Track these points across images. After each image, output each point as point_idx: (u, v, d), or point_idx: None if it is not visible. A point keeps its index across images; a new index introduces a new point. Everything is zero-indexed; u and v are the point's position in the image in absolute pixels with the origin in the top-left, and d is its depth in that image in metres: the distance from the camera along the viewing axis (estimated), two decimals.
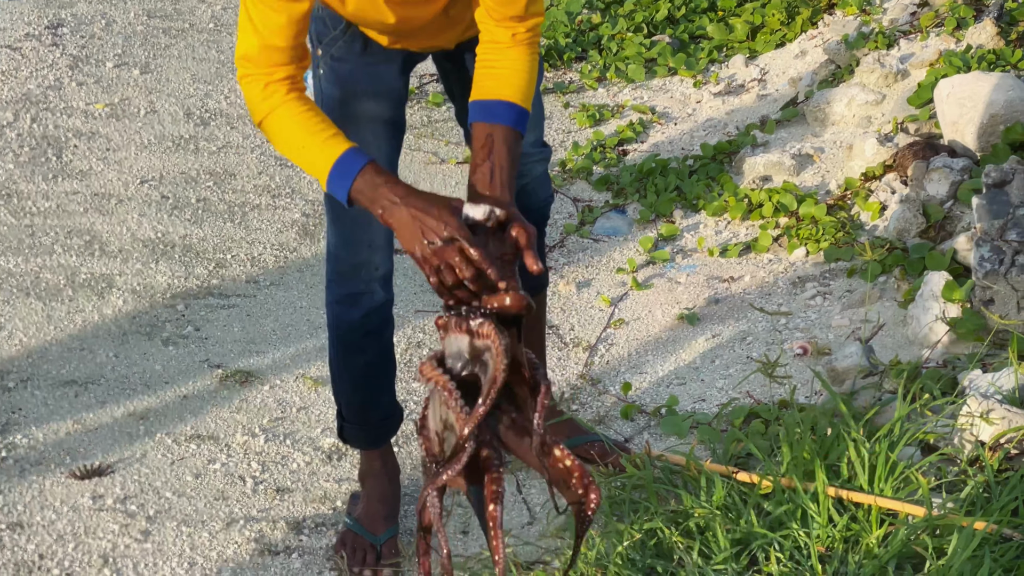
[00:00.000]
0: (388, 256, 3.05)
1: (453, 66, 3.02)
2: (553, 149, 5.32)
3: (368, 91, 2.89)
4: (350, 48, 2.87)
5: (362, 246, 3.00)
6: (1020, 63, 4.69)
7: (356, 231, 2.99)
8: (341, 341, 3.15)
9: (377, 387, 3.23)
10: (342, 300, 3.09)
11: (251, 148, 5.36)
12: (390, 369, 3.23)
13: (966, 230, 3.92)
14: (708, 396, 3.74)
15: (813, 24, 5.91)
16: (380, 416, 3.27)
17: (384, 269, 3.06)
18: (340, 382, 3.23)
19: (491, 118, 2.55)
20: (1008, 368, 3.28)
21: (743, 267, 4.38)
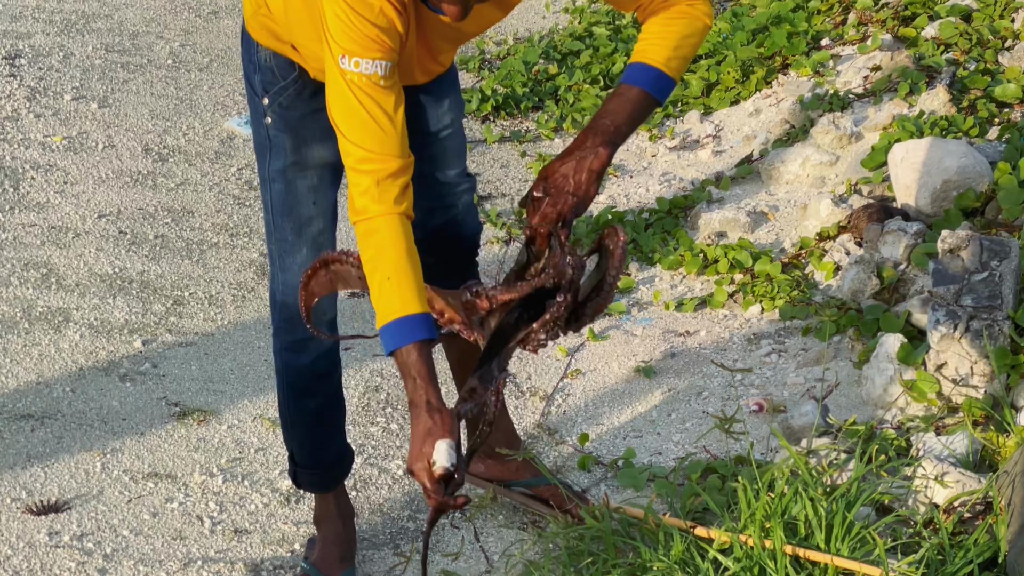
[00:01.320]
0: (333, 300, 3.09)
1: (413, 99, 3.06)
2: (509, 198, 5.37)
3: (317, 136, 2.93)
4: (299, 95, 2.91)
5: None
6: (972, 130, 4.79)
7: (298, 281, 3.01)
8: (292, 387, 3.17)
9: (329, 430, 3.25)
10: (290, 347, 3.11)
11: (209, 186, 5.36)
12: (341, 411, 3.26)
13: (920, 293, 4.00)
14: (665, 449, 3.79)
15: (767, 83, 6.00)
16: (333, 459, 3.28)
17: (330, 314, 3.09)
18: (292, 427, 3.24)
19: (630, 80, 2.68)
20: (962, 432, 3.35)
21: (699, 322, 4.44)
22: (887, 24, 5.91)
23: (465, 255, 3.33)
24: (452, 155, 3.19)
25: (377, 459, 3.76)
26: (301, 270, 2.96)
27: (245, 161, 5.62)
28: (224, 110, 6.13)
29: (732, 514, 3.23)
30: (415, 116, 3.05)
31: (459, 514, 3.53)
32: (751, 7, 6.78)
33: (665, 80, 2.67)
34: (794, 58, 6.01)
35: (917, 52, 5.48)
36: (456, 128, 3.17)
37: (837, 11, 6.36)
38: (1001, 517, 3.00)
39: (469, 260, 3.34)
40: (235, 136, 5.87)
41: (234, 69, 6.66)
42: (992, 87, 5.05)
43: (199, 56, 6.80)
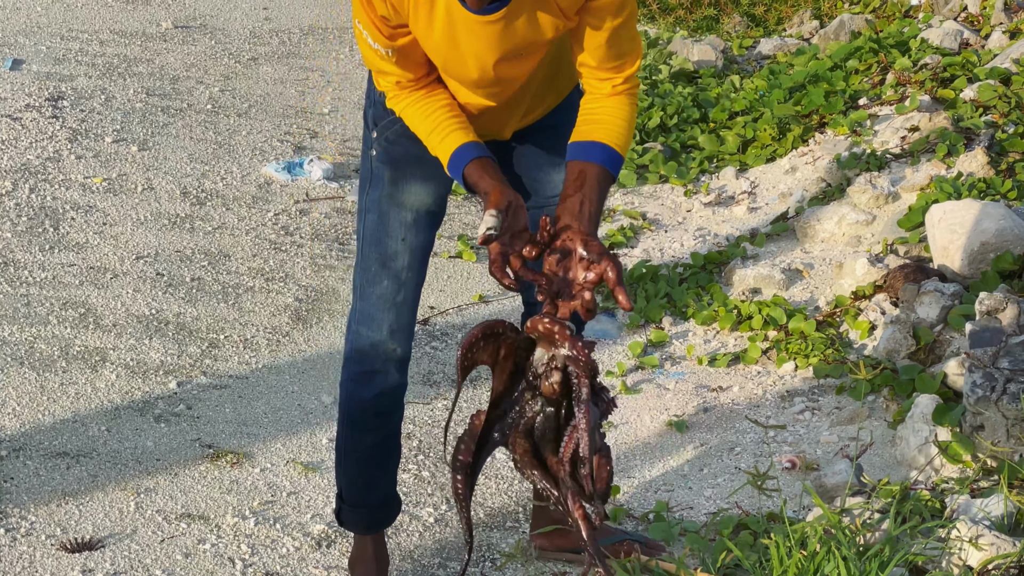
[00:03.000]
0: (407, 340, 3.10)
1: (505, 159, 3.08)
2: None
3: (417, 175, 3.00)
4: (405, 132, 2.96)
5: (383, 326, 3.04)
6: (1010, 193, 4.79)
7: (379, 311, 3.04)
8: (351, 419, 3.18)
9: (380, 470, 3.25)
10: (356, 378, 3.12)
11: (246, 230, 5.40)
12: (395, 454, 3.26)
13: (956, 354, 3.99)
14: (696, 504, 3.78)
15: (804, 141, 6.02)
16: (379, 501, 3.29)
17: (402, 352, 3.10)
18: (345, 462, 3.25)
19: (585, 156, 2.72)
20: (998, 495, 3.33)
21: (732, 377, 4.44)
22: (925, 85, 5.93)
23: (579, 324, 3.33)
24: None
25: (408, 506, 3.76)
26: (379, 301, 3.04)
27: (282, 207, 5.66)
28: (262, 155, 6.18)
29: (764, 571, 3.22)
30: (534, 180, 3.11)
31: (490, 563, 3.53)
32: (788, 65, 6.81)
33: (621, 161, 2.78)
34: (831, 117, 6.03)
35: (955, 114, 5.49)
36: None
37: (875, 71, 6.39)
38: None
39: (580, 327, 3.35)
40: (272, 181, 5.91)
41: (272, 115, 6.72)
42: None
43: (238, 102, 6.86)
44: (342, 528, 3.43)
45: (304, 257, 5.26)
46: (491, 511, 3.76)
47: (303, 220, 5.58)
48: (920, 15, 7.11)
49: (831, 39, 7.06)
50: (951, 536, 3.24)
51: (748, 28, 8.02)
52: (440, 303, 5.01)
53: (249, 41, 8.00)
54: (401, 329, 3.06)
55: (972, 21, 6.72)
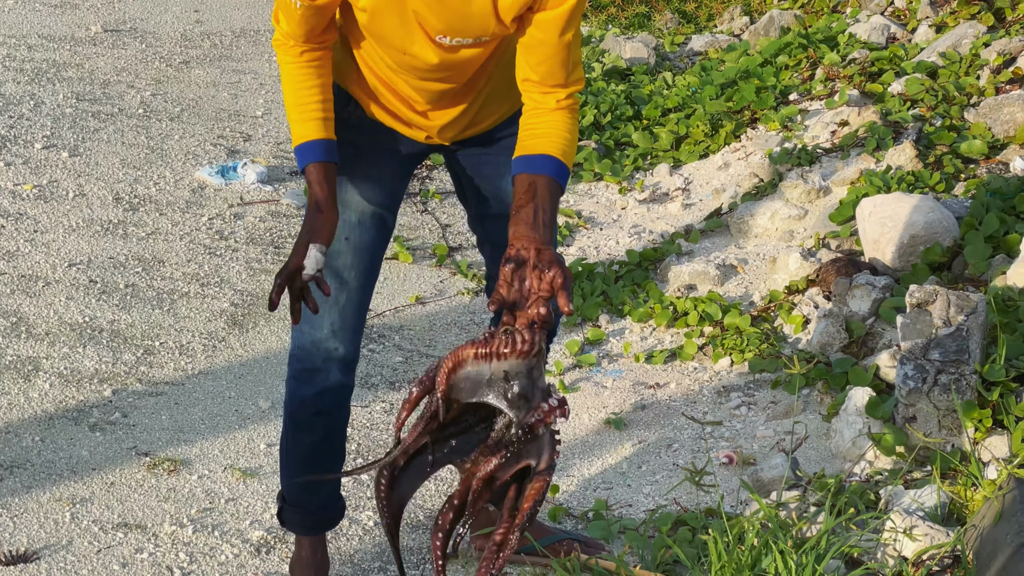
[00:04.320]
0: (351, 341, 3.07)
1: (464, 169, 3.08)
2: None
3: (361, 173, 2.97)
4: (350, 129, 2.96)
5: (324, 325, 3.03)
6: (938, 186, 4.84)
7: (321, 310, 3.02)
8: (292, 417, 3.17)
9: (322, 471, 3.23)
10: (298, 375, 3.11)
11: (180, 235, 5.37)
12: (338, 457, 3.24)
13: (888, 347, 4.03)
14: (635, 502, 3.79)
15: (736, 137, 6.05)
16: (321, 502, 3.27)
17: (344, 352, 3.07)
18: (286, 460, 3.23)
19: (533, 169, 2.69)
20: (931, 485, 3.38)
21: (668, 374, 4.46)
22: (854, 80, 5.98)
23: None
24: None
25: (348, 510, 3.74)
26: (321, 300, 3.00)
27: (216, 211, 5.63)
28: (195, 160, 6.14)
29: (702, 566, 3.25)
30: (495, 191, 3.09)
31: (429, 566, 3.53)
32: (720, 62, 6.86)
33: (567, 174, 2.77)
34: (762, 113, 6.07)
35: (884, 108, 5.54)
36: None
37: (805, 66, 6.44)
38: (969, 570, 3.02)
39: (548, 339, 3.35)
40: (206, 186, 5.88)
41: (205, 119, 6.68)
42: (958, 143, 5.12)
43: (170, 106, 6.82)
44: (283, 530, 3.42)
45: (239, 261, 5.23)
46: (430, 513, 3.76)
47: (238, 224, 5.55)
48: (848, 10, 7.17)
49: (761, 35, 7.11)
50: (886, 527, 3.28)
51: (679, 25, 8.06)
52: (377, 305, 5.00)
53: (180, 44, 7.95)
54: (344, 329, 3.04)
55: (899, 15, 6.78)
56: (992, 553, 3.01)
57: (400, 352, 4.69)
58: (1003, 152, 5.02)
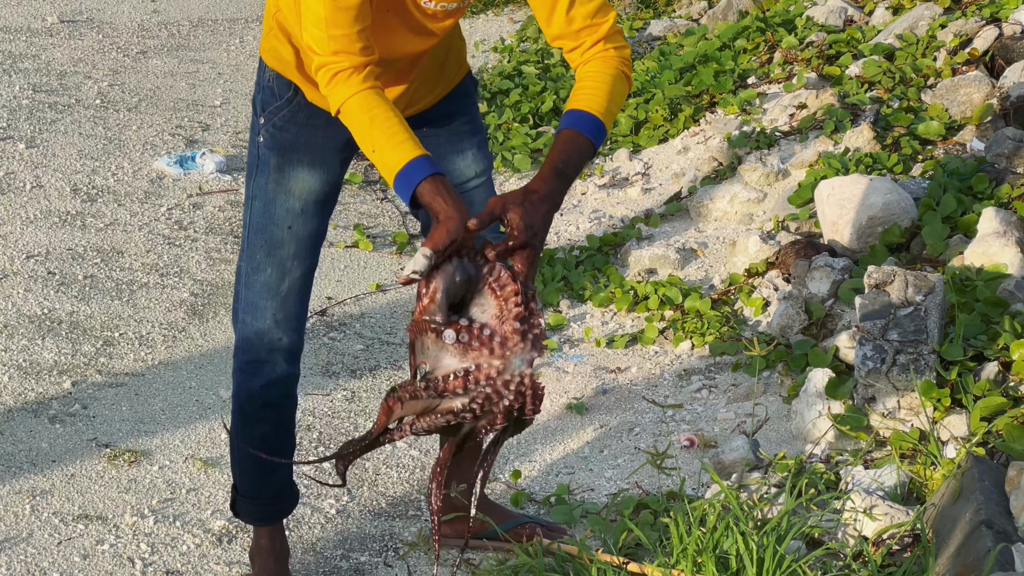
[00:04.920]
0: (295, 330, 3.08)
1: None
2: None
3: (304, 161, 2.98)
4: (294, 117, 2.97)
5: (266, 315, 3.03)
6: (896, 167, 4.86)
7: (263, 299, 3.02)
8: (241, 409, 3.17)
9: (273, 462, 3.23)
10: (244, 367, 3.11)
11: (139, 226, 5.34)
12: (288, 445, 3.24)
13: (847, 328, 4.05)
14: (597, 486, 3.80)
15: (695, 121, 6.06)
16: (273, 492, 3.27)
17: (288, 342, 3.08)
18: (237, 452, 3.23)
19: (563, 123, 2.67)
20: (890, 465, 3.39)
21: (630, 358, 4.47)
22: (812, 63, 6.00)
23: None
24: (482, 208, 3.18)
25: (310, 498, 3.74)
26: (263, 290, 3.02)
27: (175, 201, 5.61)
28: (153, 150, 6.11)
29: (664, 549, 3.26)
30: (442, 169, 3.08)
31: (392, 552, 3.53)
32: (678, 46, 6.86)
33: (603, 130, 2.70)
34: (721, 96, 6.08)
35: (842, 90, 5.56)
36: (485, 181, 3.17)
37: (763, 50, 6.45)
38: (929, 549, 3.03)
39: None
40: (164, 176, 5.85)
41: (163, 109, 6.65)
42: (915, 124, 5.14)
43: (128, 96, 6.78)
44: (240, 521, 3.41)
45: (199, 251, 5.21)
46: (392, 500, 3.76)
47: (197, 214, 5.53)
48: None
49: (719, 19, 7.11)
50: (846, 508, 3.30)
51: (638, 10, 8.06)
52: (337, 293, 4.99)
53: (137, 35, 7.90)
54: (287, 319, 3.04)
55: None
56: (951, 531, 3.03)
57: (361, 340, 4.68)
58: (960, 133, 5.04)
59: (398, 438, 2.66)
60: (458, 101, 3.10)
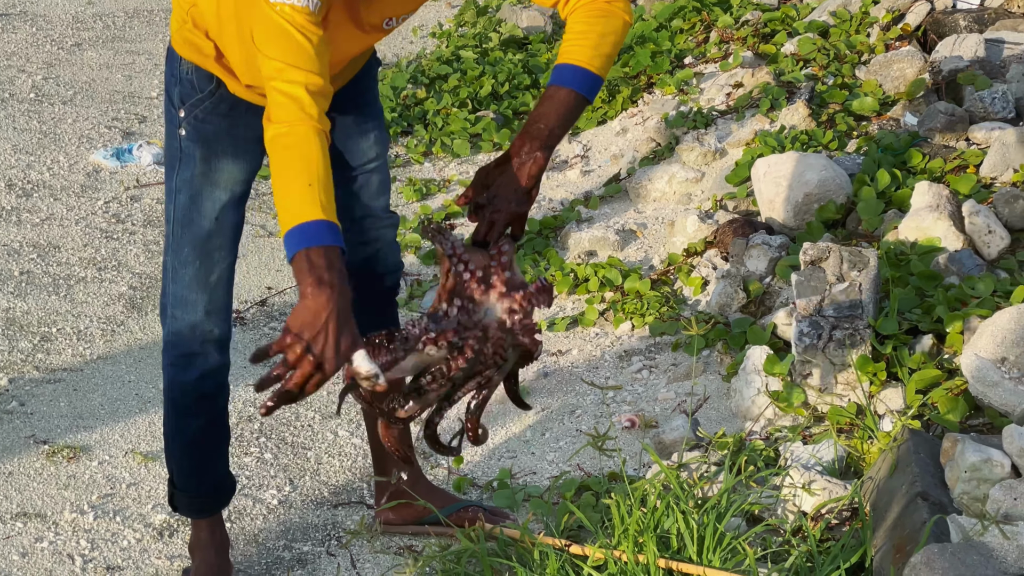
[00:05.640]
0: (224, 320, 3.09)
1: None
2: None
3: (229, 152, 2.97)
4: (216, 109, 2.95)
5: (197, 307, 3.03)
6: (831, 144, 4.89)
7: (194, 292, 3.01)
8: (175, 404, 3.16)
9: (209, 453, 3.23)
10: (177, 362, 3.10)
11: (75, 220, 5.30)
12: (223, 436, 3.24)
13: (785, 305, 4.07)
14: (539, 469, 3.81)
15: (633, 103, 6.07)
16: (211, 484, 3.26)
17: (219, 332, 3.08)
18: (172, 446, 3.22)
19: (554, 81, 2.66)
20: (828, 440, 3.42)
21: (570, 341, 4.47)
22: (748, 42, 6.02)
23: (386, 293, 3.35)
24: (377, 190, 3.21)
25: (252, 489, 3.73)
26: (193, 283, 3.01)
27: (112, 194, 5.57)
28: (89, 143, 6.06)
29: (606, 531, 3.26)
30: (341, 149, 3.09)
31: (335, 542, 3.52)
32: None
33: (591, 78, 2.68)
34: (658, 77, 6.09)
35: (777, 68, 5.58)
36: (381, 163, 3.19)
37: (699, 30, 6.46)
38: (867, 522, 3.06)
39: (390, 298, 3.37)
40: (101, 169, 5.80)
41: (98, 102, 6.60)
42: (850, 101, 5.16)
43: (63, 89, 6.72)
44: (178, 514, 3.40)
45: (137, 244, 5.17)
46: (334, 489, 3.75)
47: (135, 207, 5.49)
48: None
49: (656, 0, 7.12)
50: (785, 484, 3.32)
51: None
52: (277, 283, 4.96)
53: (72, 27, 7.83)
54: (217, 310, 3.05)
55: None
56: (888, 504, 3.06)
57: None
58: (894, 108, 5.07)
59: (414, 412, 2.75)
60: (364, 80, 3.12)
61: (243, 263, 5.01)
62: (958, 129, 4.60)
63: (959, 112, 4.64)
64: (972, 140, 4.57)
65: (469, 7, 7.72)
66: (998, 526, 2.70)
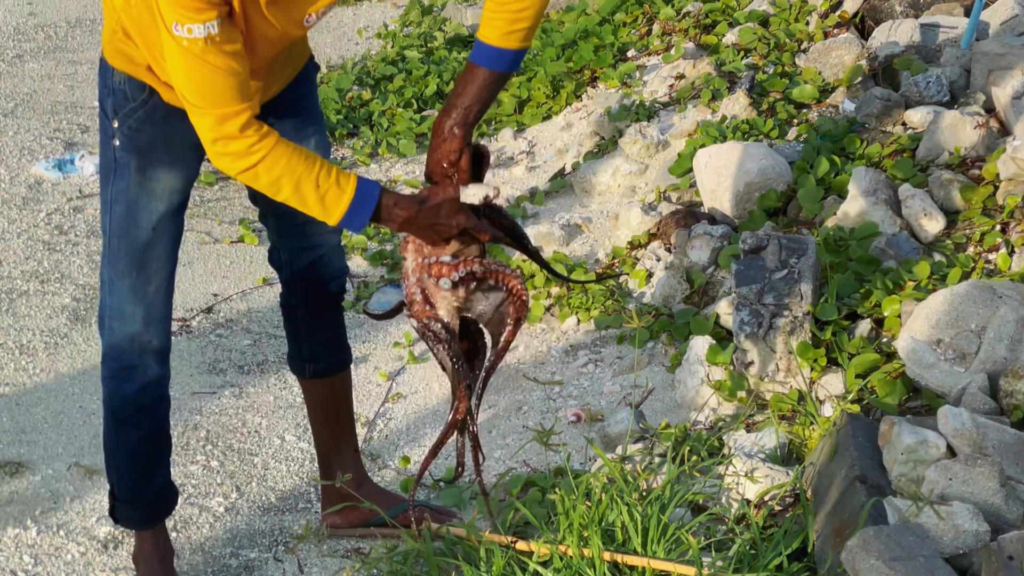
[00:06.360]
0: (163, 331, 3.07)
1: None
2: None
3: (164, 161, 2.95)
4: (150, 118, 2.92)
5: (135, 319, 3.01)
6: (772, 132, 4.90)
7: (131, 304, 3.00)
8: (115, 416, 3.14)
9: (150, 464, 3.21)
10: (116, 374, 3.08)
11: (17, 233, 5.26)
12: (165, 447, 3.22)
13: (727, 295, 4.07)
14: (487, 466, 3.79)
15: (577, 97, 6.07)
16: (153, 495, 3.24)
17: (159, 343, 3.07)
18: (113, 458, 3.20)
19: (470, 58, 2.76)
20: (769, 428, 3.43)
21: (517, 338, 4.46)
22: (689, 33, 6.03)
23: (332, 297, 3.34)
24: None
25: (198, 498, 3.71)
26: (131, 295, 2.99)
27: (54, 206, 5.53)
28: (31, 155, 6.02)
29: (552, 526, 3.26)
30: None
31: (282, 547, 3.51)
32: (560, 23, 6.87)
33: (509, 55, 2.75)
34: (602, 71, 6.10)
35: (719, 59, 5.59)
36: None
37: (642, 23, 6.47)
38: (808, 508, 3.07)
39: (335, 302, 3.36)
40: (43, 181, 5.77)
41: (40, 113, 6.56)
42: (790, 89, 5.18)
43: (3, 101, 6.68)
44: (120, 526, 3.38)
45: (80, 255, 5.14)
46: (281, 494, 3.74)
47: (77, 218, 5.46)
48: None
49: None
50: (728, 472, 3.32)
51: None
52: (223, 289, 4.95)
53: (13, 38, 7.78)
54: (156, 321, 3.03)
55: None
56: (828, 488, 3.07)
57: (248, 335, 4.64)
58: (832, 95, 5.09)
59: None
60: (303, 86, 3.11)
61: (188, 271, 5.00)
62: (894, 114, 4.62)
63: (895, 97, 4.66)
64: (908, 124, 4.58)
65: (414, 7, 7.71)
66: (932, 507, 2.71)
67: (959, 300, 3.38)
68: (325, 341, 3.40)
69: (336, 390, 3.45)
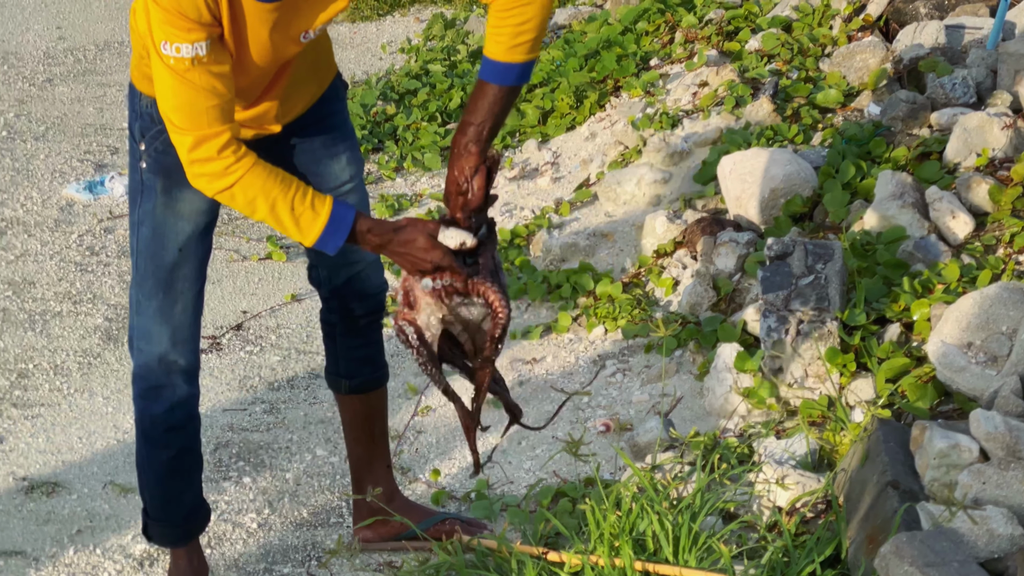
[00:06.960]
0: (191, 351, 3.09)
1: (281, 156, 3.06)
2: None
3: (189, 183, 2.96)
4: None
5: (162, 339, 3.03)
6: (797, 138, 4.90)
7: (158, 324, 3.02)
8: (145, 435, 3.16)
9: (181, 483, 3.23)
10: (145, 394, 3.11)
11: (50, 255, 5.31)
12: (195, 465, 3.24)
13: (754, 301, 4.07)
14: (516, 478, 3.81)
15: (601, 107, 6.08)
16: (186, 513, 3.27)
17: (186, 363, 3.09)
18: (144, 477, 3.23)
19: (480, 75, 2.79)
20: (800, 434, 3.42)
21: (545, 348, 4.48)
22: (712, 40, 6.03)
23: (371, 314, 3.36)
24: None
25: (231, 514, 3.74)
26: (158, 315, 3.02)
27: (86, 227, 5.57)
28: (62, 177, 6.07)
29: (583, 536, 3.27)
30: (313, 173, 3.09)
31: (315, 562, 3.53)
32: (582, 33, 6.88)
33: (515, 69, 2.76)
34: (625, 80, 6.10)
35: (742, 65, 5.59)
36: (357, 183, 3.20)
37: (664, 31, 6.47)
38: (840, 514, 3.06)
39: (375, 319, 3.38)
40: (75, 203, 5.81)
41: (70, 135, 6.61)
42: (814, 94, 5.17)
43: (35, 125, 6.73)
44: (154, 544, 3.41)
45: (112, 276, 5.18)
46: (313, 509, 3.76)
47: (108, 238, 5.50)
48: None
49: (622, 3, 7.14)
50: (759, 480, 3.32)
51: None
52: (252, 307, 4.97)
53: (43, 63, 7.84)
54: (183, 341, 3.05)
55: None
56: (860, 494, 3.06)
57: (278, 351, 4.67)
58: (857, 99, 5.08)
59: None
60: (331, 104, 3.12)
61: (218, 288, 5.03)
62: (920, 116, 4.61)
63: (920, 100, 4.65)
64: (934, 127, 4.58)
65: (437, 21, 7.73)
66: (966, 511, 2.71)
67: (989, 302, 3.37)
68: (362, 359, 3.42)
69: (371, 407, 3.47)
